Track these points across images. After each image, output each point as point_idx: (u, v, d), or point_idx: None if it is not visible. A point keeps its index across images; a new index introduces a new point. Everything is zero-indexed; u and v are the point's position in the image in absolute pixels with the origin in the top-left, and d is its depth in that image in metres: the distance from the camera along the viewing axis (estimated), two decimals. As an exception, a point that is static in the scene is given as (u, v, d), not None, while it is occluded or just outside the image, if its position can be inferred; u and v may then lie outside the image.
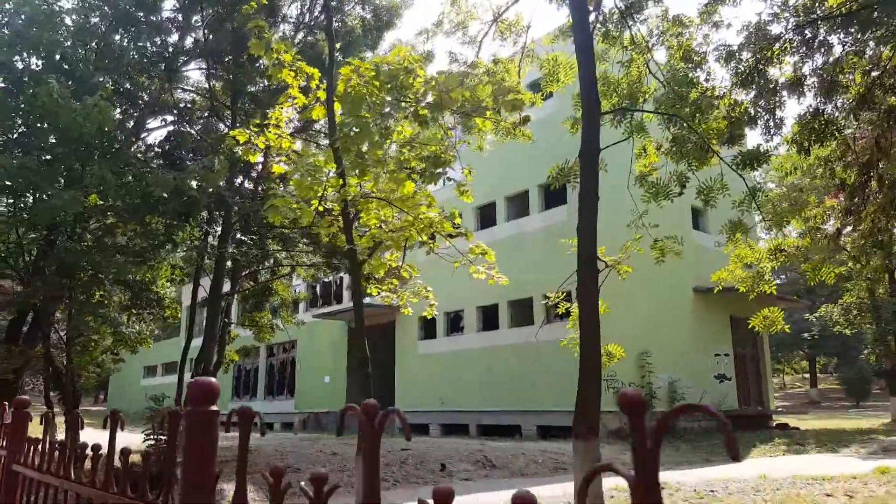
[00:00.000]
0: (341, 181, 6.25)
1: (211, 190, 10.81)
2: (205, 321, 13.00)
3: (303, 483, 1.31)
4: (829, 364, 50.25)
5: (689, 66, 8.34)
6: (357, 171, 6.42)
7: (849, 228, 10.59)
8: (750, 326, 9.24)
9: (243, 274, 14.09)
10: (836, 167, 9.88)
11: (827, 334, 32.41)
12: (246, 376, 31.26)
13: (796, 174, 12.47)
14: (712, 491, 10.05)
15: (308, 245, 13.26)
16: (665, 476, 11.81)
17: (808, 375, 48.02)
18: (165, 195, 10.32)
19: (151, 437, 11.34)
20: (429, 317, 10.21)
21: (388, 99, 6.42)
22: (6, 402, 4.41)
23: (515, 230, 21.54)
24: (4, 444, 3.82)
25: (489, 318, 21.62)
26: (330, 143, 6.90)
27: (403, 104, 6.66)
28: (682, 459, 15.40)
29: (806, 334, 30.87)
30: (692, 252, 22.46)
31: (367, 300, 25.27)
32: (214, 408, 1.45)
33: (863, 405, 37.86)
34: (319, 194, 6.48)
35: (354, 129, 6.14)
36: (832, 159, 10.48)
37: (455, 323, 22.80)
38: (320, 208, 6.72)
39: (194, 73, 13.40)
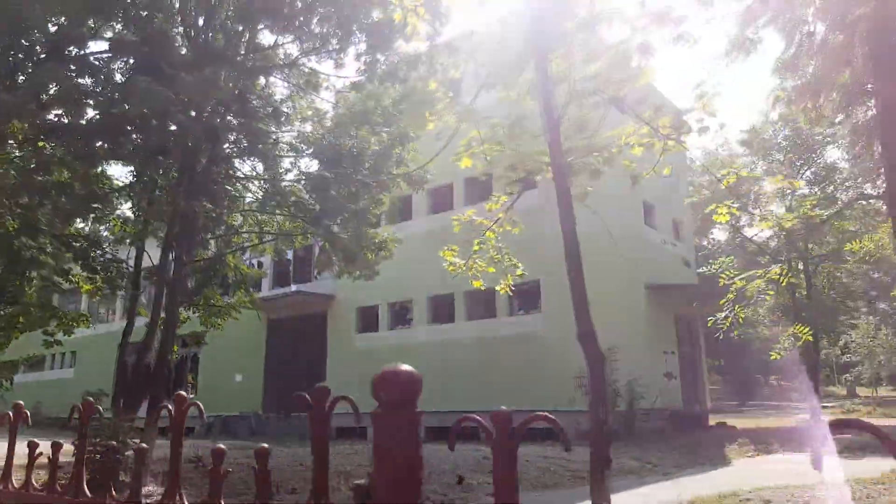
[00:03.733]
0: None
1: (203, 117, 8.11)
2: (153, 296, 10.11)
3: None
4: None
5: None
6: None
7: None
8: (772, 358, 8.18)
9: (195, 239, 11.21)
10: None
11: (716, 337, 33.83)
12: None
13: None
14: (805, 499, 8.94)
15: (290, 206, 10.69)
16: (695, 484, 10.56)
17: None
18: (148, 120, 7.61)
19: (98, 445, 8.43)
20: (502, 293, 8.23)
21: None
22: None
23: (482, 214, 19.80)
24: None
25: (442, 309, 19.69)
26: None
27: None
28: (674, 463, 14.44)
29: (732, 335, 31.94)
30: (644, 248, 21.88)
31: (294, 287, 22.51)
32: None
33: (749, 404, 40.19)
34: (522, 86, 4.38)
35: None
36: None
37: (401, 315, 20.63)
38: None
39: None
